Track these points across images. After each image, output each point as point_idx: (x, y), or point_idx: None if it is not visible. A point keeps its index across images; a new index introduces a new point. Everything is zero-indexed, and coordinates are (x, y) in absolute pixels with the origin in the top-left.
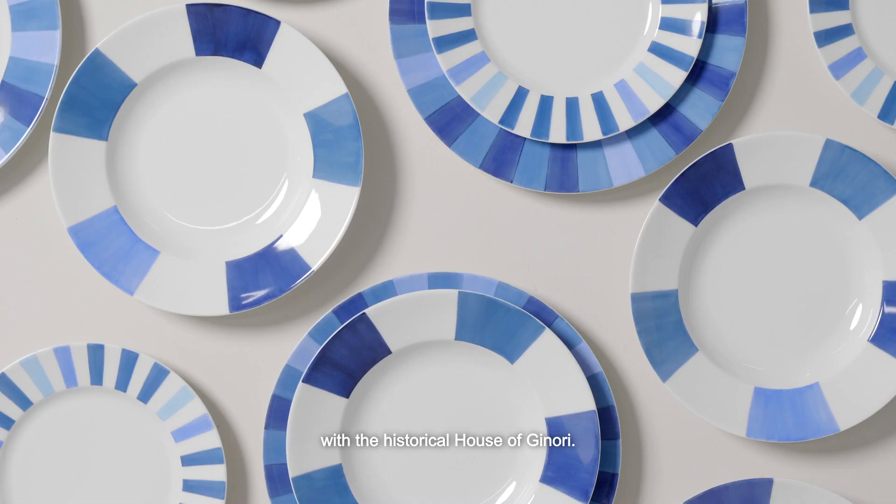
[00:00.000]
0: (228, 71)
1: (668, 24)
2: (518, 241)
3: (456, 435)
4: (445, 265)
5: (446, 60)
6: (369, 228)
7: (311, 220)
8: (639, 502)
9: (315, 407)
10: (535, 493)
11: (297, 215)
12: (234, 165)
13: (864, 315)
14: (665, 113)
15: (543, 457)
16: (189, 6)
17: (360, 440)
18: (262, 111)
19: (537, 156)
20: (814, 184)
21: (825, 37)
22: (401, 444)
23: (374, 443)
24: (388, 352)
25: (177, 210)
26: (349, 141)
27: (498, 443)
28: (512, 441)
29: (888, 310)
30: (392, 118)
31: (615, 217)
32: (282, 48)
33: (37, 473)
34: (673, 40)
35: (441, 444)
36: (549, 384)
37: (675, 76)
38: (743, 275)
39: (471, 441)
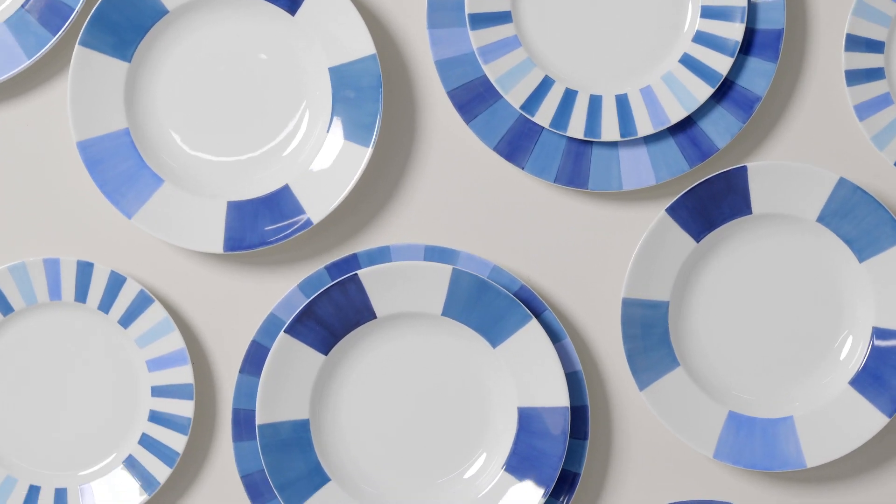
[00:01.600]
0: (261, 12)
1: (702, 39)
2: (520, 227)
3: (426, 409)
4: (444, 240)
5: (478, 38)
6: (374, 191)
7: (319, 174)
8: None
9: (292, 359)
10: (496, 479)
11: (307, 166)
12: (250, 106)
13: (853, 349)
14: (685, 125)
15: (509, 444)
16: None
17: (331, 398)
18: (287, 58)
19: (552, 147)
20: (820, 219)
21: (856, 77)
22: (371, 408)
23: (345, 403)
24: (374, 316)
25: (188, 141)
26: (369, 102)
27: (466, 422)
28: (481, 423)
29: (873, 356)
30: (415, 86)
31: (619, 219)
32: None
33: (8, 381)
34: (705, 55)
35: (410, 415)
36: (527, 374)
37: (702, 91)
38: (736, 297)
39: (439, 417)
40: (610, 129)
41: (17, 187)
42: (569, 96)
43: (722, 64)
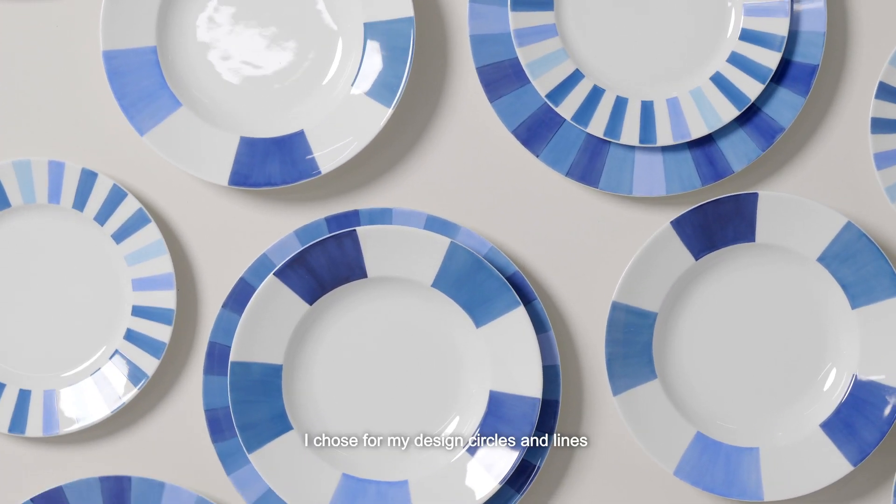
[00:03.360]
0: None
1: (737, 61)
2: (525, 213)
3: (398, 377)
4: (447, 212)
5: (517, 20)
6: (387, 151)
7: (336, 125)
8: (551, 500)
9: (277, 302)
10: (456, 457)
11: (326, 115)
12: (280, 51)
13: (832, 390)
14: (705, 142)
15: (475, 426)
16: None
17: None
18: (328, 4)
19: (571, 140)
20: (821, 259)
21: (881, 125)
22: (345, 366)
23: (320, 356)
24: (364, 275)
25: (214, 67)
26: (398, 63)
27: (435, 397)
28: (451, 400)
29: (849, 403)
30: (446, 57)
31: (623, 223)
32: None
33: None
34: (737, 77)
35: (382, 380)
36: (505, 360)
37: (728, 112)
38: (724, 321)
39: (410, 388)
40: (630, 133)
41: (36, 85)
42: (595, 93)
43: (752, 89)
